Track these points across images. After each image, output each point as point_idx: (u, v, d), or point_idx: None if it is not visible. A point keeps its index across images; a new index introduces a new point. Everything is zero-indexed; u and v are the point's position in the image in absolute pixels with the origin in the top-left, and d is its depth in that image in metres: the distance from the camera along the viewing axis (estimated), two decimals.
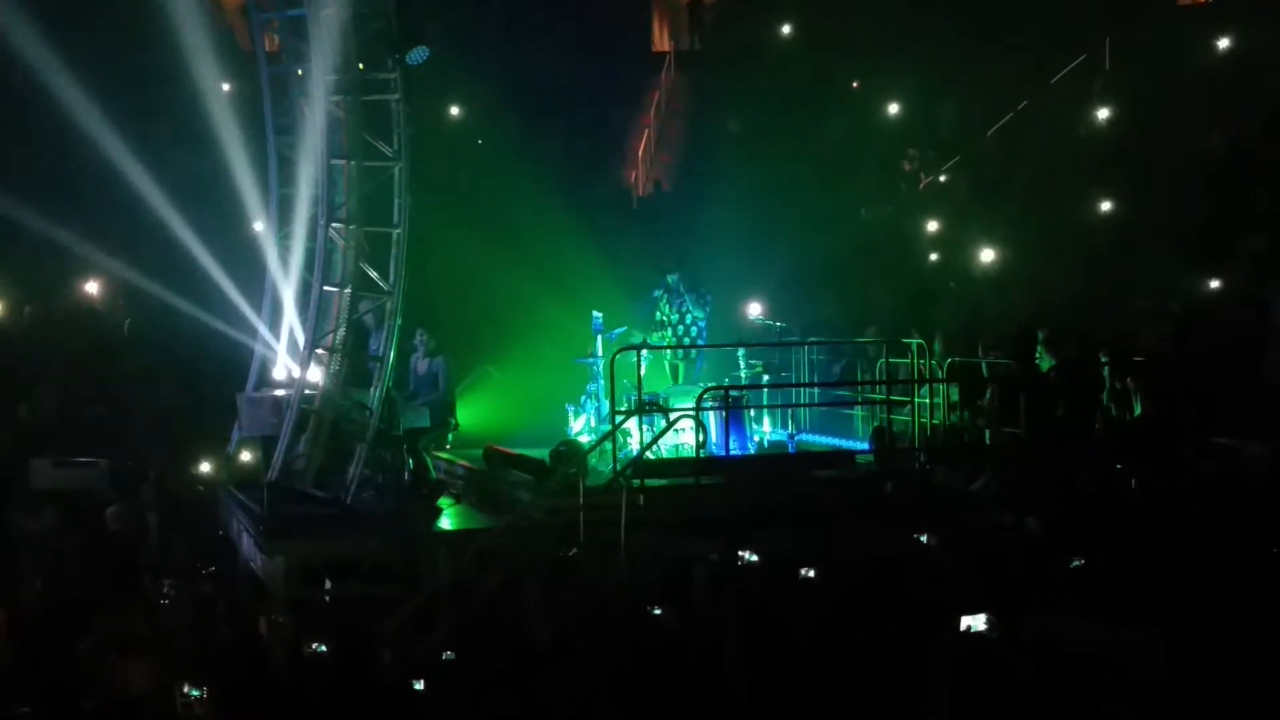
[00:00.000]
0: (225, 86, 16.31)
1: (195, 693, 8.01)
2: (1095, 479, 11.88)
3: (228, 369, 15.42)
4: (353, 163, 13.09)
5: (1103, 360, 13.87)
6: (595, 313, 14.77)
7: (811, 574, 9.63)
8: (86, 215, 17.46)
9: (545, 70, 20.80)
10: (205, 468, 14.94)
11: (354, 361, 13.38)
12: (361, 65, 13.09)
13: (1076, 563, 9.44)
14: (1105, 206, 19.18)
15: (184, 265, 15.78)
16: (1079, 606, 8.43)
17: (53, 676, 8.76)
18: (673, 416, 13.57)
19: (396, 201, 13.38)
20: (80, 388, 16.17)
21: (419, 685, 8.37)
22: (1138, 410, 13.27)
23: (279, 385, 14.08)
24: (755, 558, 10.07)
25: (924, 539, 10.92)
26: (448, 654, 9.54)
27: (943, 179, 22.08)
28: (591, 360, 14.97)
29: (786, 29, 22.85)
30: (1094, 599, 8.66)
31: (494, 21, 20.97)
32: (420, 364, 14.44)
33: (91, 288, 18.00)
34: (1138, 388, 13.48)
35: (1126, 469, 12.03)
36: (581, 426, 14.89)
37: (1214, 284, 16.71)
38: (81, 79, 15.96)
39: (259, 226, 14.95)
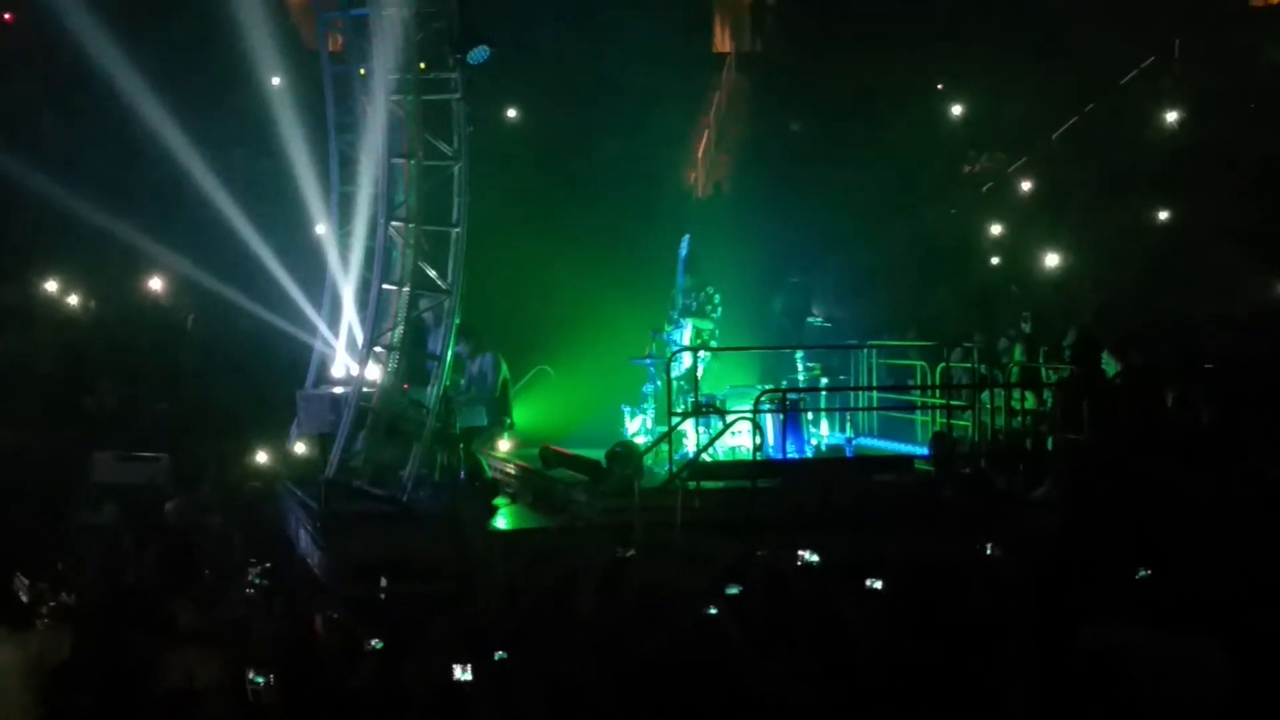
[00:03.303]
0: (288, 86, 16.41)
1: (260, 680, 8.05)
2: (1160, 487, 11.67)
3: (287, 366, 15.53)
4: (413, 161, 13.14)
5: (1169, 365, 13.66)
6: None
7: (878, 585, 9.51)
8: (152, 213, 17.67)
9: (605, 69, 20.75)
10: (264, 464, 15.03)
11: (412, 360, 13.42)
12: (423, 65, 13.15)
13: (1142, 573, 9.26)
14: (1171, 210, 18.92)
15: (246, 262, 15.94)
16: (1143, 617, 8.27)
17: (113, 668, 8.83)
18: (729, 419, 13.52)
19: (455, 200, 13.41)
20: (143, 383, 16.33)
21: (465, 676, 8.31)
22: (1204, 417, 13.04)
23: (337, 383, 14.15)
24: (816, 558, 9.97)
25: (984, 546, 10.79)
26: (500, 654, 9.53)
27: (1006, 182, 21.85)
28: (648, 361, 14.93)
29: (848, 30, 22.69)
30: (1158, 610, 8.49)
31: (554, 21, 20.94)
32: (472, 364, 14.51)
33: (156, 284, 18.21)
34: (1204, 394, 13.26)
35: (1192, 477, 11.82)
36: (638, 428, 14.85)
37: None
38: (148, 78, 16.16)
39: (320, 225, 15.03)
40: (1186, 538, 10.02)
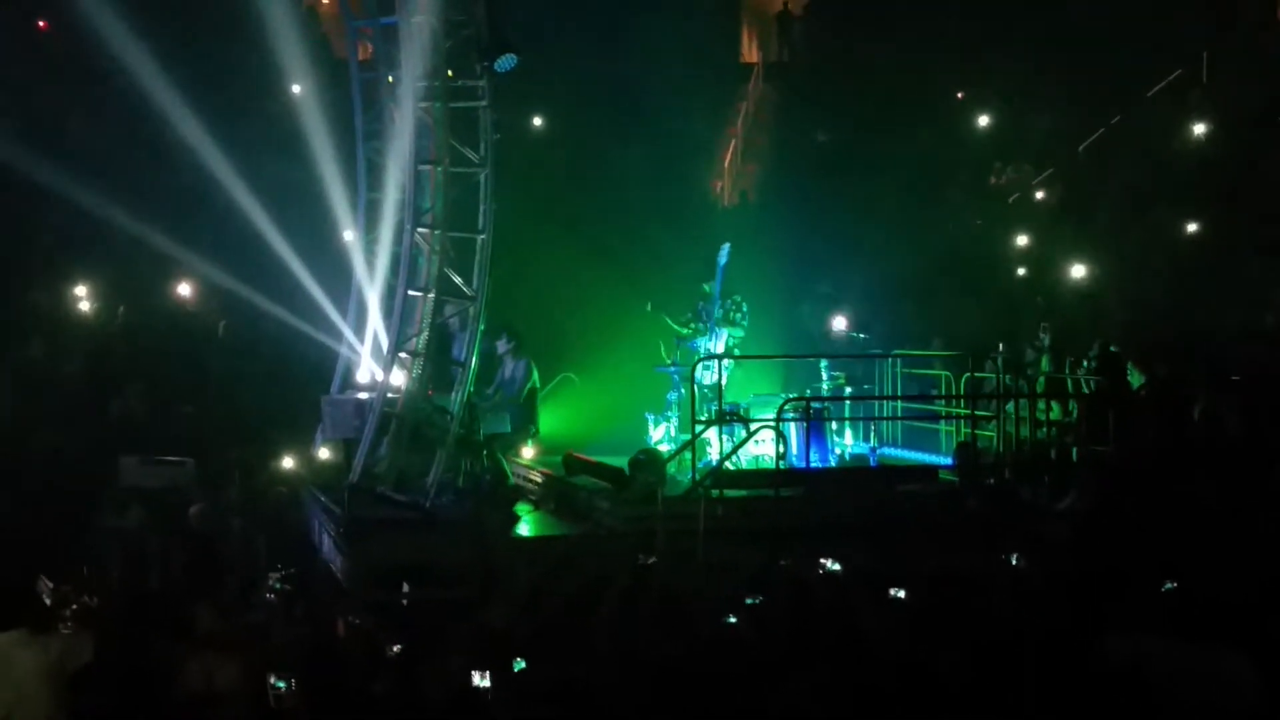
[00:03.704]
0: (318, 93, 16.50)
1: (282, 684, 8.08)
2: (1186, 500, 11.60)
3: (313, 371, 15.61)
4: (440, 168, 13.19)
5: (1196, 377, 13.59)
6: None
7: (901, 594, 9.47)
8: (181, 219, 17.79)
9: (632, 78, 20.79)
10: (289, 469, 15.09)
11: (437, 366, 13.46)
12: (450, 72, 13.22)
13: (1168, 585, 9.20)
14: (1198, 221, 18.82)
15: (273, 268, 16.01)
16: (1169, 629, 8.22)
17: (135, 671, 8.87)
18: (753, 427, 13.51)
19: (481, 207, 13.48)
20: (170, 387, 16.42)
21: (484, 683, 8.32)
22: (1230, 430, 12.96)
23: (362, 388, 14.20)
24: (838, 566, 9.94)
25: (1009, 557, 10.73)
26: (519, 661, 9.53)
27: (1033, 193, 21.78)
28: (672, 369, 14.94)
29: (875, 41, 22.67)
30: (1184, 622, 8.44)
31: (582, 29, 21.00)
32: (505, 368, 14.58)
33: (184, 289, 18.31)
34: (1231, 406, 13.18)
35: (1218, 490, 11.74)
36: (661, 435, 14.85)
37: None
38: (179, 85, 16.29)
39: (347, 231, 15.11)
40: (1212, 551, 9.95)
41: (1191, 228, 18.90)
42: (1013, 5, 20.91)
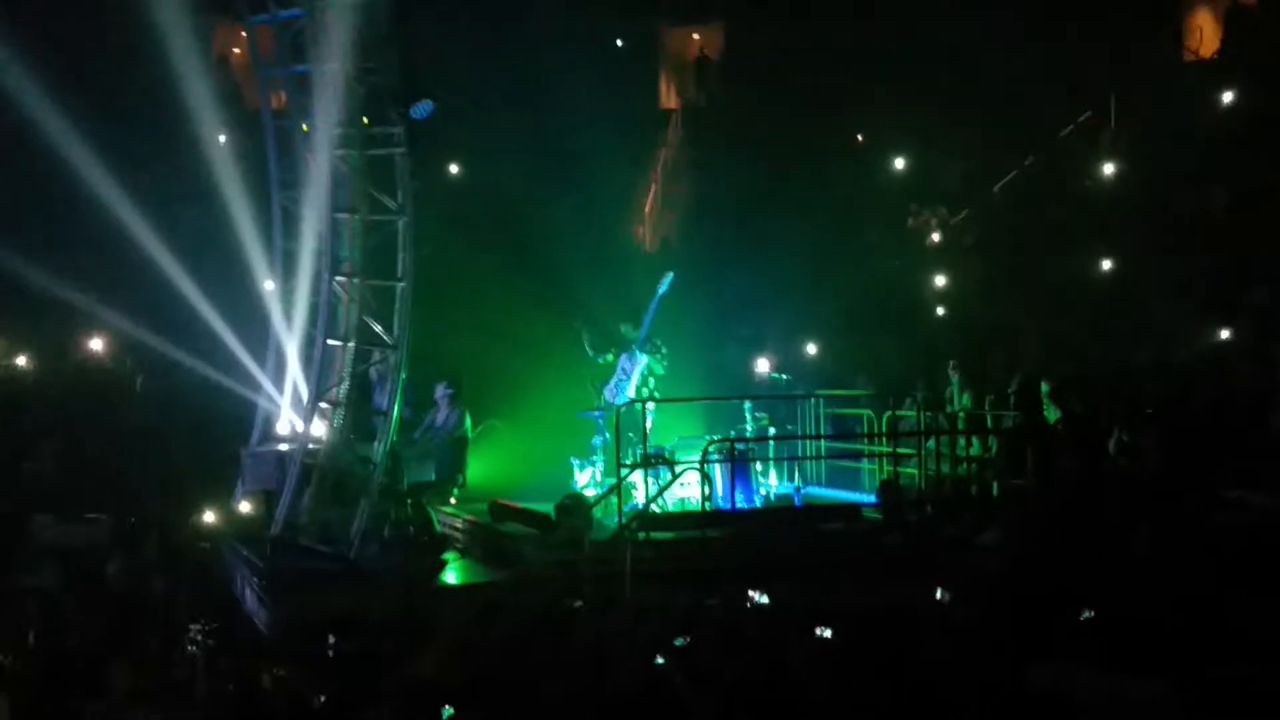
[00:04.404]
0: (231, 142, 16.39)
1: None
2: (1103, 531, 11.79)
3: (231, 424, 15.37)
4: (356, 216, 13.14)
5: (1110, 412, 13.84)
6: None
7: (828, 634, 9.53)
8: (93, 272, 17.50)
9: (552, 125, 20.88)
10: (209, 522, 14.87)
11: (358, 416, 13.35)
12: (366, 119, 13.17)
13: (1086, 614, 9.34)
14: (1111, 261, 19.21)
15: (188, 320, 15.79)
16: (1089, 657, 8.32)
17: None
18: (678, 470, 13.54)
19: (400, 255, 13.42)
20: (84, 443, 16.14)
21: None
22: (1145, 463, 13.21)
23: (283, 439, 14.05)
24: (765, 599, 10.00)
25: (933, 591, 10.84)
26: (448, 710, 9.43)
27: (948, 235, 22.10)
28: (597, 414, 14.96)
29: (789, 86, 22.98)
30: (1104, 650, 8.55)
31: (500, 76, 21.06)
32: (438, 414, 14.53)
33: (97, 344, 18.02)
34: (1145, 440, 13.43)
35: (1134, 521, 11.94)
36: (587, 480, 14.85)
37: (1221, 336, 16.71)
38: (88, 136, 16.05)
39: (264, 282, 14.96)
40: (1130, 581, 10.11)
41: (1105, 265, 19.28)
42: (926, 51, 21.26)
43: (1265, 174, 17.90)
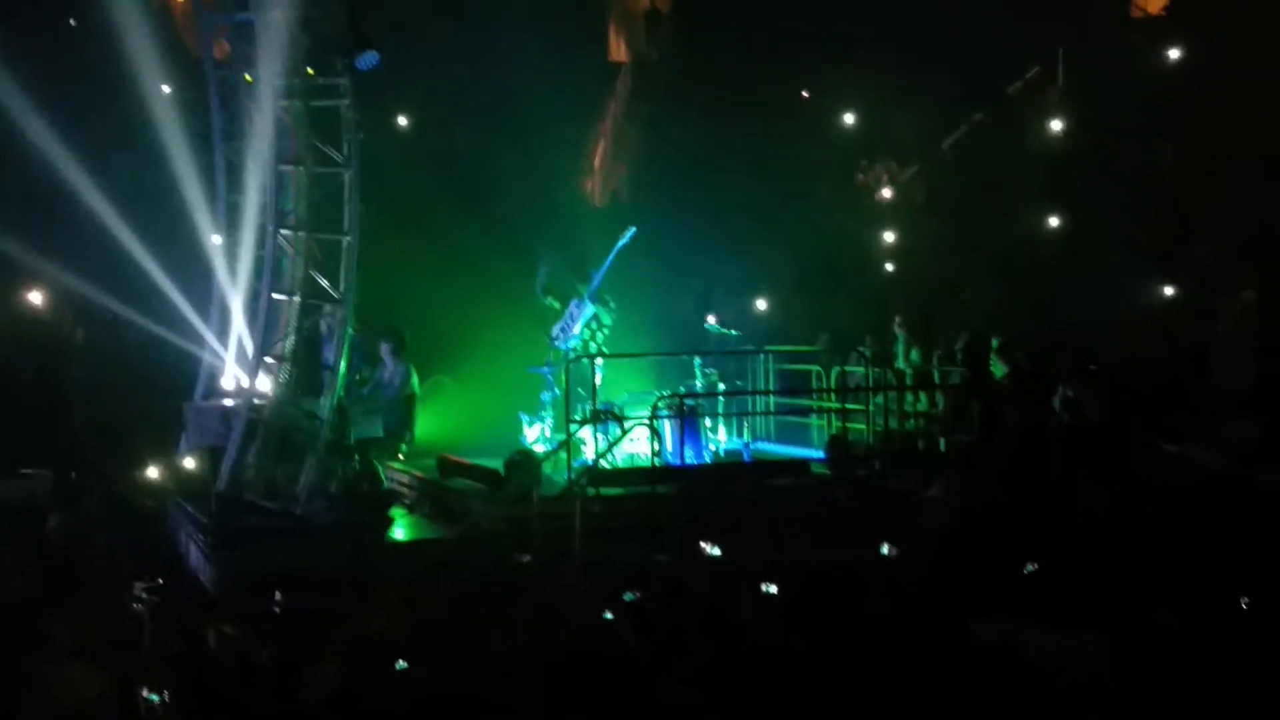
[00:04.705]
0: (173, 93, 16.08)
1: (154, 698, 7.88)
2: (1046, 486, 11.91)
3: (175, 379, 15.19)
4: (301, 169, 12.97)
5: (1056, 368, 13.96)
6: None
7: (773, 589, 9.56)
8: (31, 224, 17.16)
9: (500, 77, 20.65)
10: (152, 478, 14.71)
11: (305, 371, 13.22)
12: (310, 70, 12.99)
13: (1030, 567, 9.43)
14: (1058, 217, 19.33)
15: (130, 274, 15.53)
16: (1032, 611, 8.41)
17: None
18: (628, 425, 13.54)
19: (346, 209, 13.26)
20: (24, 398, 15.90)
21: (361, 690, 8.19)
22: (1089, 417, 13.34)
23: (228, 395, 13.90)
24: (718, 551, 10.04)
25: (880, 546, 10.90)
26: (401, 663, 9.42)
27: (897, 191, 22.14)
28: (546, 369, 14.91)
29: (739, 39, 22.85)
30: (1046, 603, 8.64)
31: (447, 27, 20.80)
32: (385, 370, 14.43)
33: (36, 297, 17.72)
34: (1089, 394, 13.56)
35: (1078, 474, 12.08)
36: (536, 436, 14.82)
37: (1165, 293, 16.87)
38: (23, 85, 15.71)
39: (207, 234, 14.74)
40: (1073, 535, 10.22)
41: (1052, 222, 19.39)
42: (876, 4, 21.20)
43: (1212, 131, 18.03)
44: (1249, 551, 9.68)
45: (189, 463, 14.30)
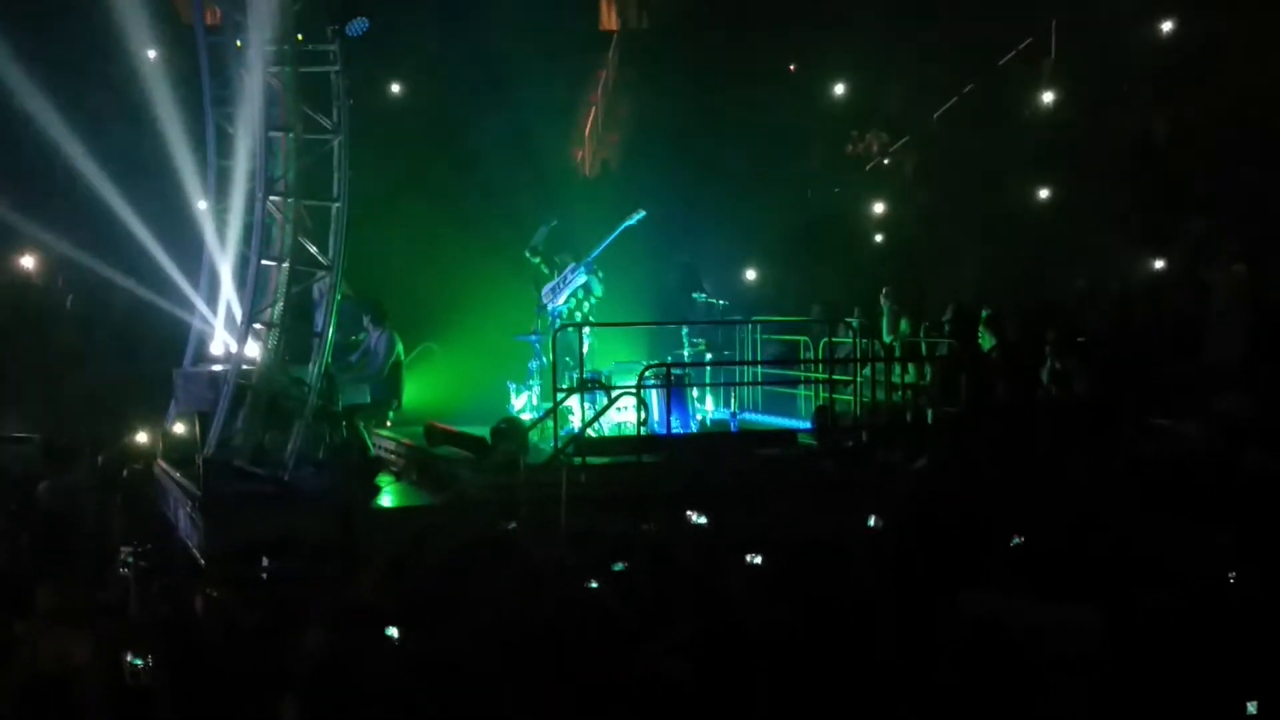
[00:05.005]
0: (164, 58, 16.01)
1: (139, 662, 7.91)
2: (1035, 458, 11.95)
3: (164, 344, 15.17)
4: (291, 135, 12.90)
5: (1044, 340, 13.98)
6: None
7: (758, 560, 9.59)
8: (22, 189, 17.13)
9: (492, 45, 20.57)
10: (142, 443, 14.72)
11: (294, 337, 13.21)
12: (300, 36, 12.91)
13: (1016, 540, 9.46)
14: (1049, 188, 19.33)
15: (120, 239, 15.51)
16: (1019, 584, 8.45)
17: None
18: (614, 394, 13.55)
19: (336, 175, 13.21)
20: (14, 363, 15.89)
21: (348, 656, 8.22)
22: (1078, 390, 13.37)
23: (216, 360, 13.89)
24: (704, 521, 10.07)
25: (866, 518, 10.93)
26: (391, 630, 9.45)
27: (888, 161, 22.13)
28: (534, 337, 14.92)
29: (730, 9, 22.79)
30: (1033, 577, 8.69)
31: None
32: (369, 339, 14.43)
33: (27, 262, 17.69)
34: (1078, 368, 13.59)
35: (1066, 448, 12.11)
36: (523, 404, 14.83)
37: (1155, 265, 16.90)
38: (15, 52, 15.63)
39: (197, 200, 14.70)
40: (1061, 508, 10.26)
41: (1042, 194, 19.39)
42: None
43: (1204, 103, 18.02)
44: (1236, 527, 9.72)
45: (178, 428, 14.32)
